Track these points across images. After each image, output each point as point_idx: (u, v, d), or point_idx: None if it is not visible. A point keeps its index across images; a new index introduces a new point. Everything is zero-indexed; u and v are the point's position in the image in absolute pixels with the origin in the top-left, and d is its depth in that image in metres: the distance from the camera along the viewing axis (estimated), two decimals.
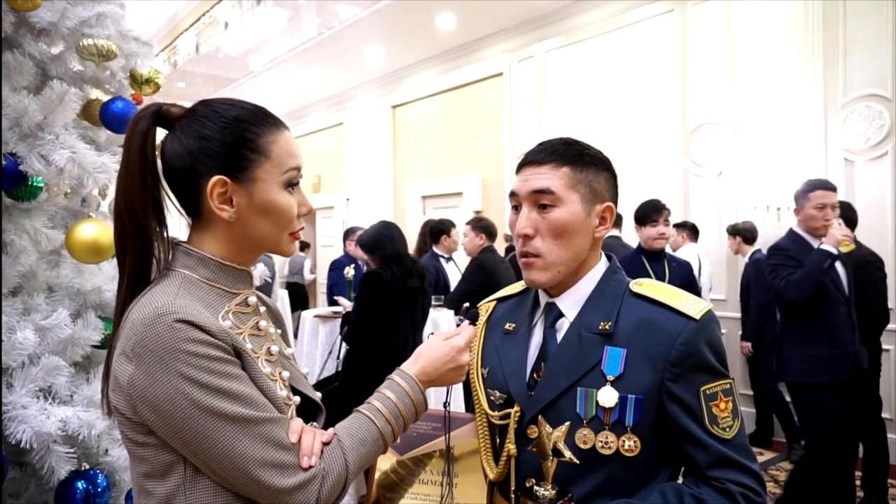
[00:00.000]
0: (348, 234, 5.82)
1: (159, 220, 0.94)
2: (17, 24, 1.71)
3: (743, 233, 4.84)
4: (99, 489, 1.59)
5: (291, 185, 0.95)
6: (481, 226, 4.55)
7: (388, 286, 3.29)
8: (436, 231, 4.90)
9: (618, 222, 4.62)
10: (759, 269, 4.39)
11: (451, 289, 4.70)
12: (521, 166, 1.14)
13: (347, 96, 9.60)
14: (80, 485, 1.56)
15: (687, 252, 4.97)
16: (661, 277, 3.49)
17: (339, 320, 3.85)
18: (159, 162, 0.94)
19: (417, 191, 8.43)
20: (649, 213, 3.59)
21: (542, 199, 1.08)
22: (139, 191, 0.91)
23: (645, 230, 3.60)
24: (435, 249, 4.92)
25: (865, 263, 3.62)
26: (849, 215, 4.05)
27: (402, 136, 8.75)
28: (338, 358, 3.49)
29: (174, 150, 0.92)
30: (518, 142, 6.93)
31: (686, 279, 3.61)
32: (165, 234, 0.95)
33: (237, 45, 9.03)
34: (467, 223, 4.65)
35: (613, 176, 1.16)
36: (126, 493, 1.68)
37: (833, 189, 3.14)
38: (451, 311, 4.62)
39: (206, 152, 0.90)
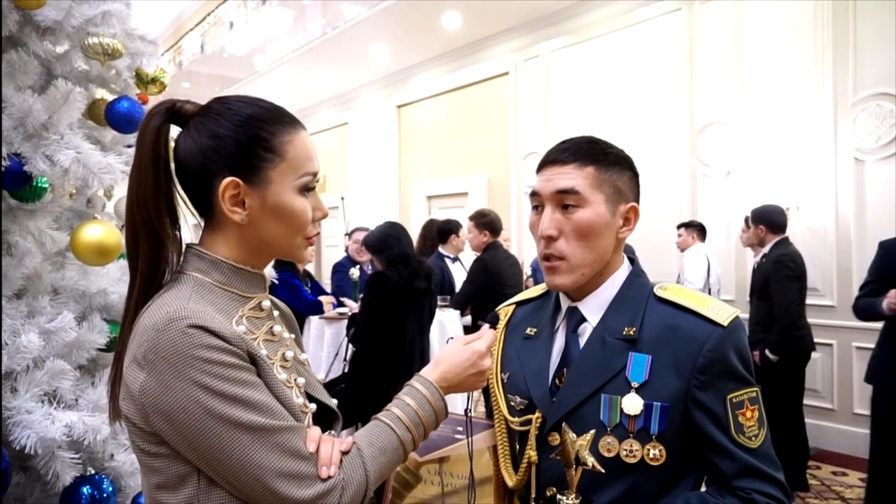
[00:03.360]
0: (349, 235, 5.70)
1: (172, 221, 0.91)
2: (21, 23, 1.68)
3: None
4: (104, 494, 1.56)
5: (307, 189, 0.92)
6: (484, 222, 4.47)
7: (395, 287, 3.26)
8: (444, 231, 4.85)
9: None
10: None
11: (456, 289, 4.66)
12: (543, 165, 1.11)
13: (352, 96, 9.58)
14: (86, 490, 1.54)
15: (695, 252, 4.93)
16: None
17: (345, 322, 3.82)
18: (172, 161, 0.91)
19: (423, 190, 8.40)
20: None
21: (566, 200, 1.05)
22: (152, 189, 0.87)
23: None
24: (441, 249, 4.87)
25: (775, 262, 3.91)
26: (776, 220, 4.13)
27: (408, 136, 8.73)
28: (344, 359, 3.46)
29: (187, 149, 0.89)
30: (524, 141, 6.90)
31: None
32: (178, 235, 0.92)
33: (242, 45, 9.02)
34: (470, 219, 4.57)
35: (636, 175, 1.13)
36: (132, 498, 1.65)
37: None
38: (457, 312, 4.58)
39: (219, 151, 0.87)
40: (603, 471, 0.95)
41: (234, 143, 0.87)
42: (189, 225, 0.96)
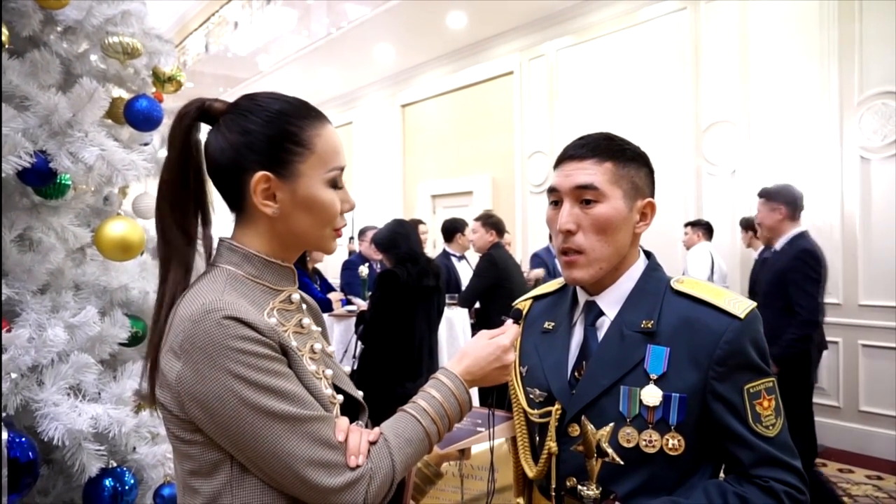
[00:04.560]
0: (360, 234, 5.78)
1: (203, 218, 0.94)
2: (43, 22, 1.70)
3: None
4: (126, 487, 1.58)
5: (335, 184, 0.95)
6: (490, 222, 4.58)
7: (405, 285, 3.28)
8: (450, 229, 4.90)
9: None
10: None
11: (462, 288, 4.70)
12: (561, 161, 1.13)
13: (357, 95, 9.60)
14: (108, 482, 1.56)
15: (700, 251, 4.95)
16: None
17: (354, 319, 3.85)
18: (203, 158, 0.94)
19: (427, 190, 8.43)
20: None
21: (584, 195, 1.08)
22: (180, 189, 0.91)
23: None
24: (447, 248, 4.91)
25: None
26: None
27: (412, 136, 8.75)
28: (353, 356, 3.48)
29: (218, 146, 0.91)
30: (529, 141, 6.92)
31: None
32: (209, 231, 0.94)
33: (246, 45, 9.05)
34: (476, 220, 4.67)
35: (652, 172, 1.16)
36: (154, 490, 1.67)
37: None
38: (465, 310, 4.61)
39: (250, 146, 0.90)
40: (622, 463, 0.97)
41: (264, 138, 0.90)
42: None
